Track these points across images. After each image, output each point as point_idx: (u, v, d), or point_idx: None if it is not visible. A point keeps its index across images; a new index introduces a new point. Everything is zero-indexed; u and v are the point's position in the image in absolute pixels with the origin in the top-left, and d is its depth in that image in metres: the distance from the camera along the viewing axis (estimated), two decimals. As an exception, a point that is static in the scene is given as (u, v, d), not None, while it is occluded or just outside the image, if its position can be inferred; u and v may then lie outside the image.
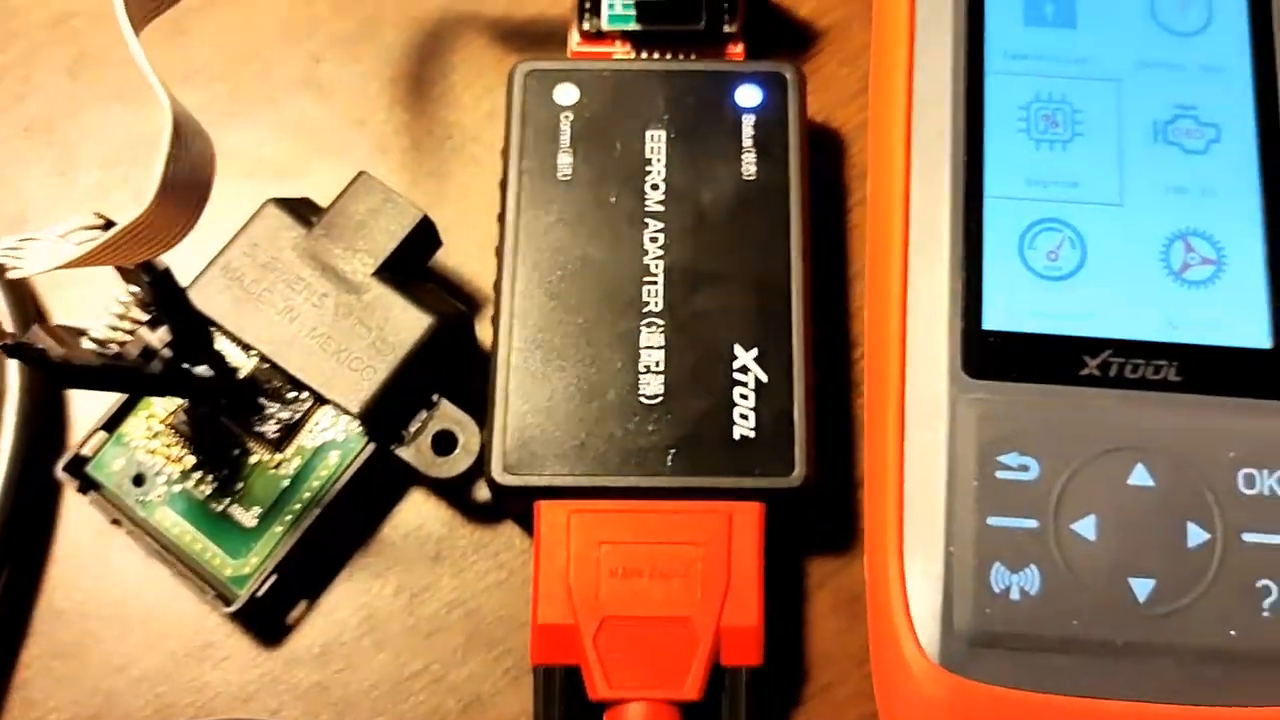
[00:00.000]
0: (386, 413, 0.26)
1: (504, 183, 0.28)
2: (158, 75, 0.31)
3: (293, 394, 0.27)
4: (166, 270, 0.24)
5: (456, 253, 0.29)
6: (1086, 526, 0.24)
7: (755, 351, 0.26)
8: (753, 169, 0.28)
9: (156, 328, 0.25)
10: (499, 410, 0.26)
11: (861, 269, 0.29)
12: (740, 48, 0.30)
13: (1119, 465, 0.24)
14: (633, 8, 0.29)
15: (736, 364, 0.26)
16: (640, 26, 0.30)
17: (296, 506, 0.26)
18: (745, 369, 0.26)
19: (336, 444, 0.27)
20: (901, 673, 0.24)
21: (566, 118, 0.28)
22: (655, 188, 0.27)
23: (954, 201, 0.26)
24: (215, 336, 0.27)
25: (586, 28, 0.30)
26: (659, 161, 0.28)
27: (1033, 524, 0.24)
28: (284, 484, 0.27)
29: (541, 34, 0.31)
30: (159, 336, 0.25)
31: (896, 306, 0.26)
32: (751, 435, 0.26)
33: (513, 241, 0.27)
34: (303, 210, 0.27)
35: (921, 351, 0.25)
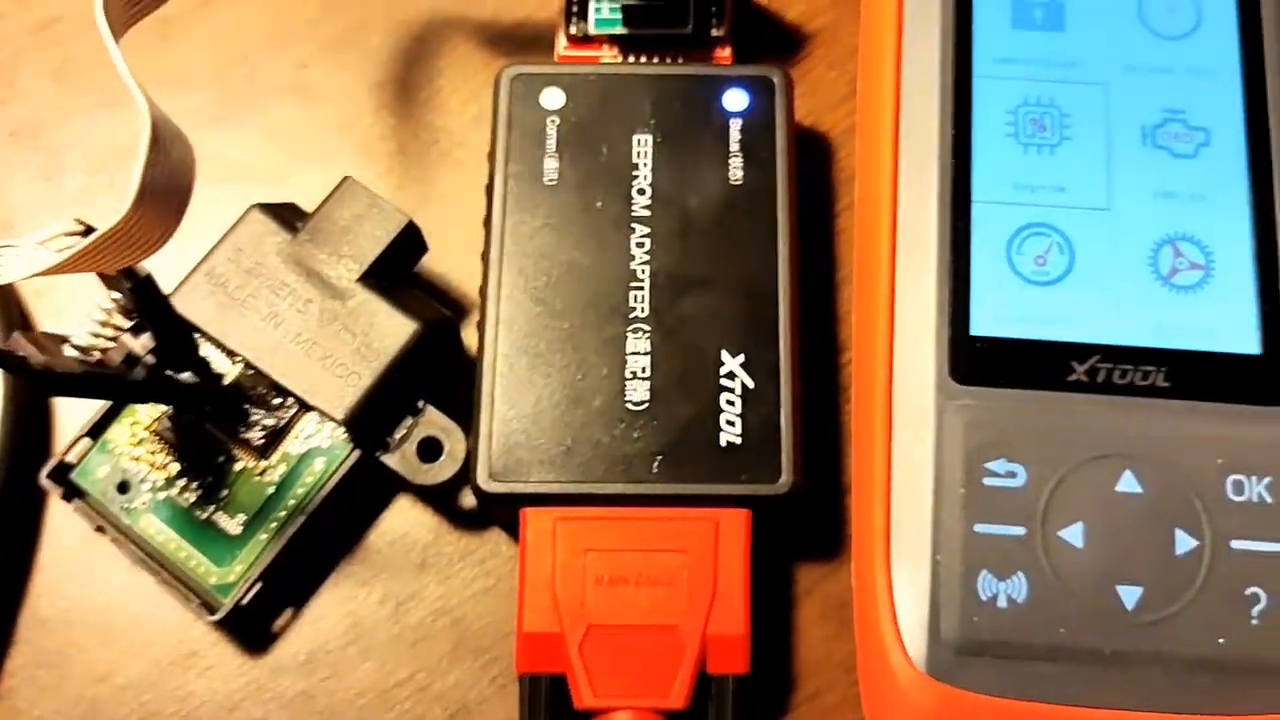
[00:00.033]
0: (371, 419, 0.26)
1: (490, 187, 0.28)
2: (144, 80, 0.31)
3: (278, 400, 0.27)
4: (148, 277, 0.24)
5: (443, 257, 0.29)
6: (1074, 534, 0.24)
7: (742, 358, 0.26)
8: (740, 174, 0.27)
9: (139, 334, 0.25)
10: (484, 417, 0.26)
11: (850, 274, 0.29)
12: (728, 51, 0.30)
13: (1107, 472, 0.24)
14: (619, 11, 0.29)
15: (723, 370, 0.26)
16: (627, 30, 0.29)
17: (281, 514, 0.26)
18: (732, 375, 0.26)
19: (322, 451, 0.27)
20: (888, 681, 0.24)
21: (553, 122, 0.28)
22: (642, 192, 0.27)
23: (941, 206, 0.26)
24: (200, 343, 0.27)
25: (573, 32, 0.30)
26: (645, 166, 0.27)
27: (1020, 531, 0.24)
28: (269, 491, 0.27)
29: (529, 38, 0.31)
30: (142, 343, 0.25)
31: (884, 312, 0.26)
32: (738, 442, 0.26)
33: (498, 247, 0.27)
34: (288, 216, 0.27)
35: (909, 357, 0.25)
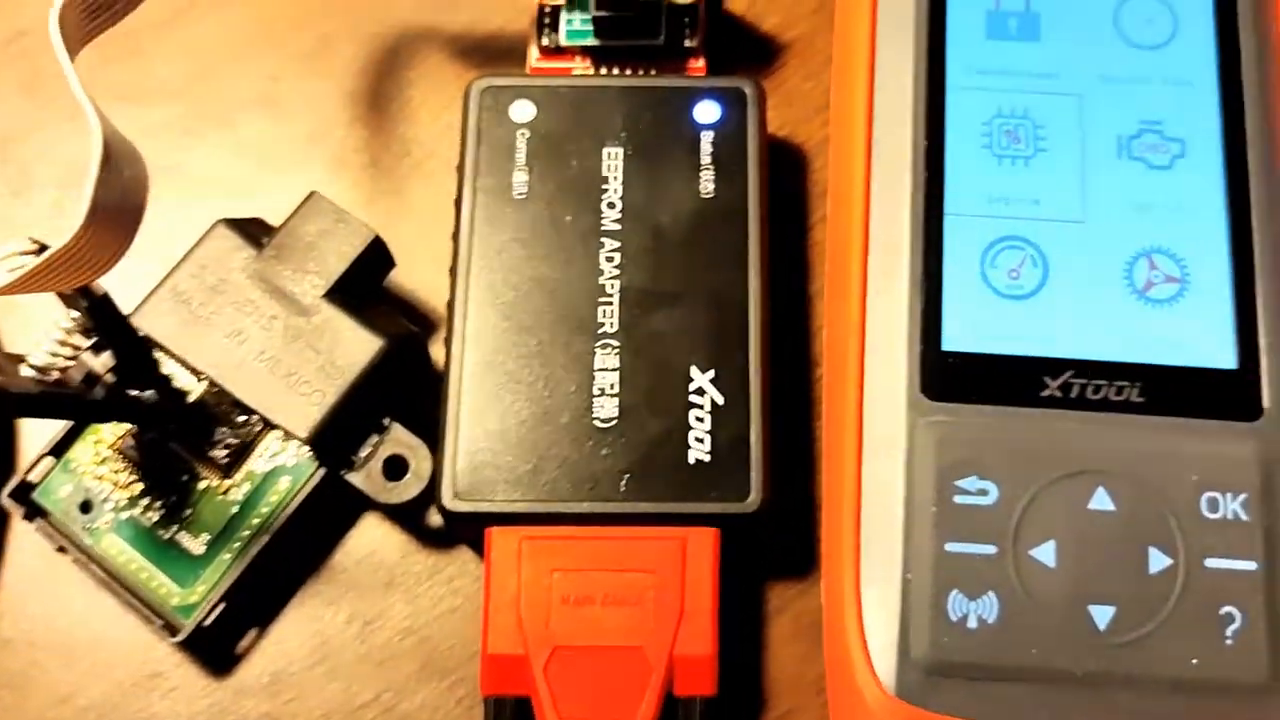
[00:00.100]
0: (336, 437, 0.26)
1: (458, 201, 0.27)
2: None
3: (242, 418, 0.27)
4: (105, 295, 0.23)
5: (413, 271, 0.29)
6: (1046, 552, 0.24)
7: (712, 373, 0.26)
8: (711, 186, 0.27)
9: (100, 353, 0.24)
10: (450, 435, 0.25)
11: (824, 287, 0.28)
12: (702, 63, 0.29)
13: (1079, 489, 0.24)
14: (591, 23, 0.29)
15: (692, 386, 0.26)
16: (599, 42, 0.29)
17: (245, 533, 0.26)
18: (701, 391, 0.26)
19: (287, 469, 0.26)
20: (856, 703, 0.23)
21: (523, 135, 0.28)
22: (612, 206, 0.27)
23: (914, 219, 0.26)
24: (164, 360, 0.27)
25: (546, 43, 0.30)
26: (616, 179, 0.27)
27: (991, 550, 0.24)
28: (233, 510, 0.26)
29: (502, 50, 0.31)
30: (102, 362, 0.24)
31: (855, 327, 0.25)
32: (707, 459, 0.25)
33: (466, 261, 0.27)
34: (254, 231, 0.27)
35: (879, 373, 0.25)
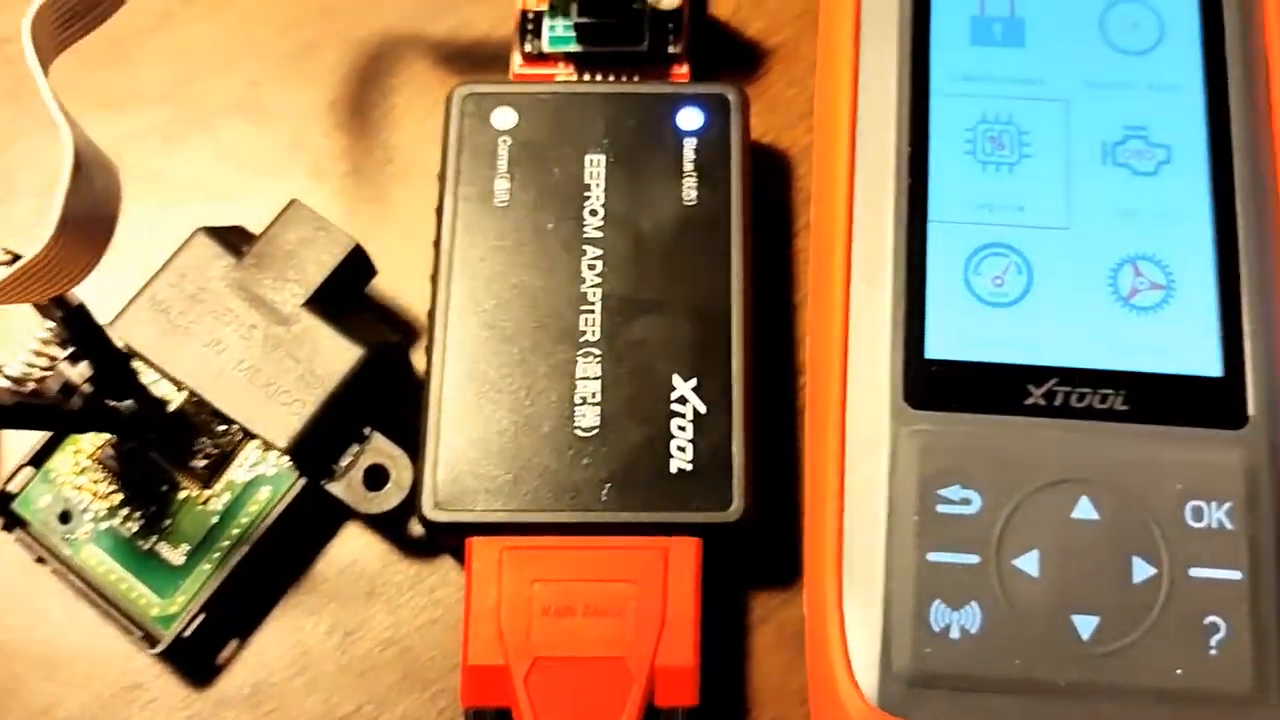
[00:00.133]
0: (316, 447, 0.25)
1: (440, 208, 0.27)
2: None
3: (222, 428, 0.26)
4: (80, 306, 0.23)
5: (395, 279, 0.29)
6: (1029, 562, 0.23)
7: (694, 382, 0.26)
8: (693, 194, 0.27)
9: (77, 363, 0.24)
10: (430, 444, 0.25)
11: (808, 295, 0.28)
12: (685, 69, 0.29)
13: (1063, 498, 0.24)
14: (573, 29, 0.29)
15: (674, 395, 0.26)
16: (582, 48, 0.29)
17: (225, 543, 0.26)
18: (683, 400, 0.25)
19: (267, 479, 0.26)
20: (839, 714, 0.23)
21: (504, 142, 0.27)
22: (594, 213, 0.27)
23: (897, 226, 0.26)
24: (144, 369, 0.26)
25: (529, 49, 0.29)
26: (598, 186, 0.27)
27: (974, 560, 0.23)
28: (213, 520, 0.26)
29: (486, 56, 0.31)
30: (79, 372, 0.24)
31: (838, 335, 0.25)
32: (689, 468, 0.25)
33: (447, 269, 0.26)
34: (234, 239, 0.27)
35: (862, 381, 0.25)
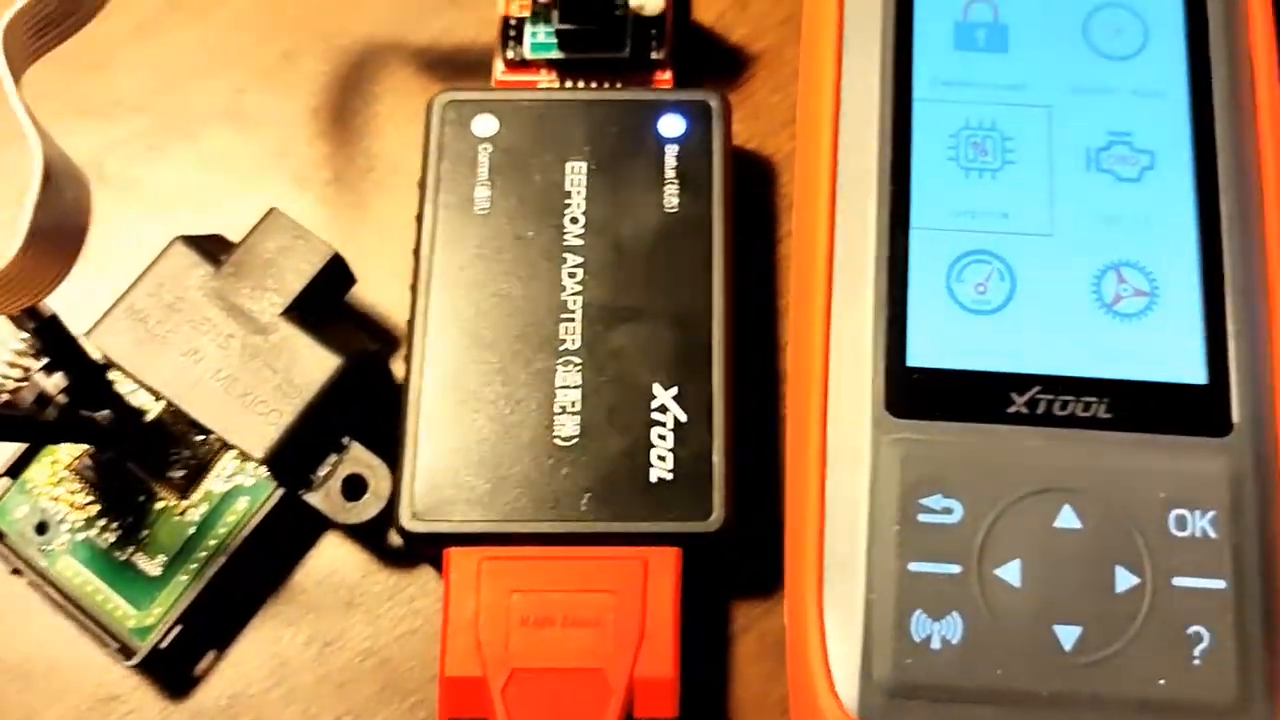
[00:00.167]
0: (294, 457, 0.25)
1: (420, 216, 0.27)
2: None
3: (200, 438, 0.26)
4: (53, 317, 0.23)
5: (376, 288, 0.29)
6: (1011, 572, 0.23)
7: (675, 390, 0.25)
8: (675, 201, 0.27)
9: (52, 373, 0.24)
10: (409, 454, 0.25)
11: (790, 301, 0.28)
12: (669, 75, 0.29)
13: (1045, 507, 0.24)
14: (555, 36, 0.29)
15: (655, 403, 0.25)
16: (564, 55, 0.29)
17: (202, 554, 0.26)
18: (664, 408, 0.25)
19: (245, 489, 0.26)
20: (819, 725, 0.23)
21: (485, 149, 0.27)
22: (574, 221, 0.27)
23: (879, 233, 0.25)
24: (121, 379, 0.26)
25: (511, 56, 0.29)
26: (579, 194, 0.27)
27: (955, 570, 0.23)
28: (190, 531, 0.26)
29: (469, 63, 0.31)
30: (54, 383, 0.24)
31: (819, 343, 0.25)
32: (669, 478, 0.25)
33: (426, 277, 0.26)
34: (212, 248, 0.27)
35: (843, 389, 0.25)
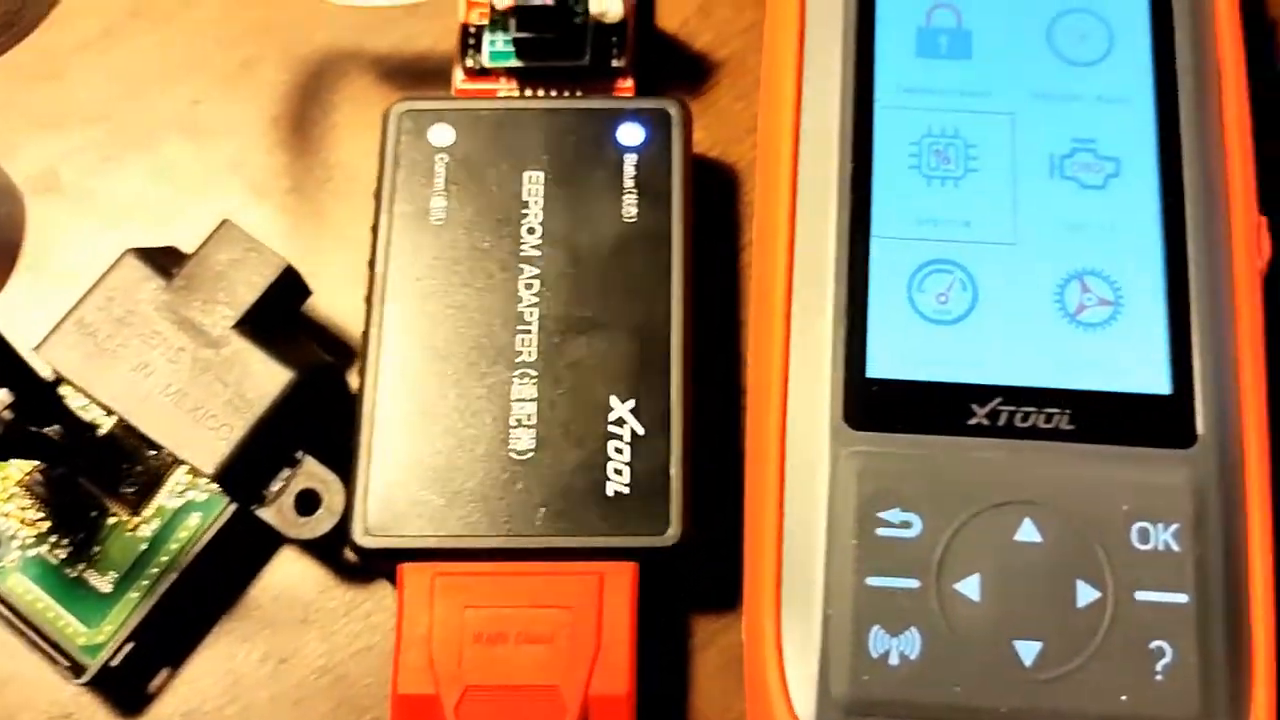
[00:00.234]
0: (245, 472, 0.25)
1: (375, 227, 0.27)
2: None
3: (153, 452, 0.26)
4: (-5, 332, 0.23)
5: (334, 299, 0.28)
6: (970, 586, 0.23)
7: (632, 403, 0.25)
8: (634, 211, 0.26)
9: (-3, 389, 0.24)
10: (362, 468, 0.25)
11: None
12: (630, 83, 0.29)
13: (1006, 520, 0.23)
14: (513, 44, 0.28)
15: (612, 416, 0.25)
16: (523, 63, 0.29)
17: (154, 571, 0.25)
18: (621, 421, 0.25)
19: (197, 504, 0.26)
20: (776, 743, 0.23)
21: (441, 159, 0.27)
22: (531, 231, 0.26)
23: (839, 242, 0.25)
24: (72, 394, 0.26)
25: (470, 65, 0.29)
26: (536, 204, 0.26)
27: (914, 584, 0.23)
28: (142, 547, 0.26)
29: (429, 71, 0.30)
30: None
31: (778, 354, 0.25)
32: (626, 491, 0.24)
33: (381, 289, 0.26)
34: (164, 260, 0.26)
35: (802, 401, 0.24)
